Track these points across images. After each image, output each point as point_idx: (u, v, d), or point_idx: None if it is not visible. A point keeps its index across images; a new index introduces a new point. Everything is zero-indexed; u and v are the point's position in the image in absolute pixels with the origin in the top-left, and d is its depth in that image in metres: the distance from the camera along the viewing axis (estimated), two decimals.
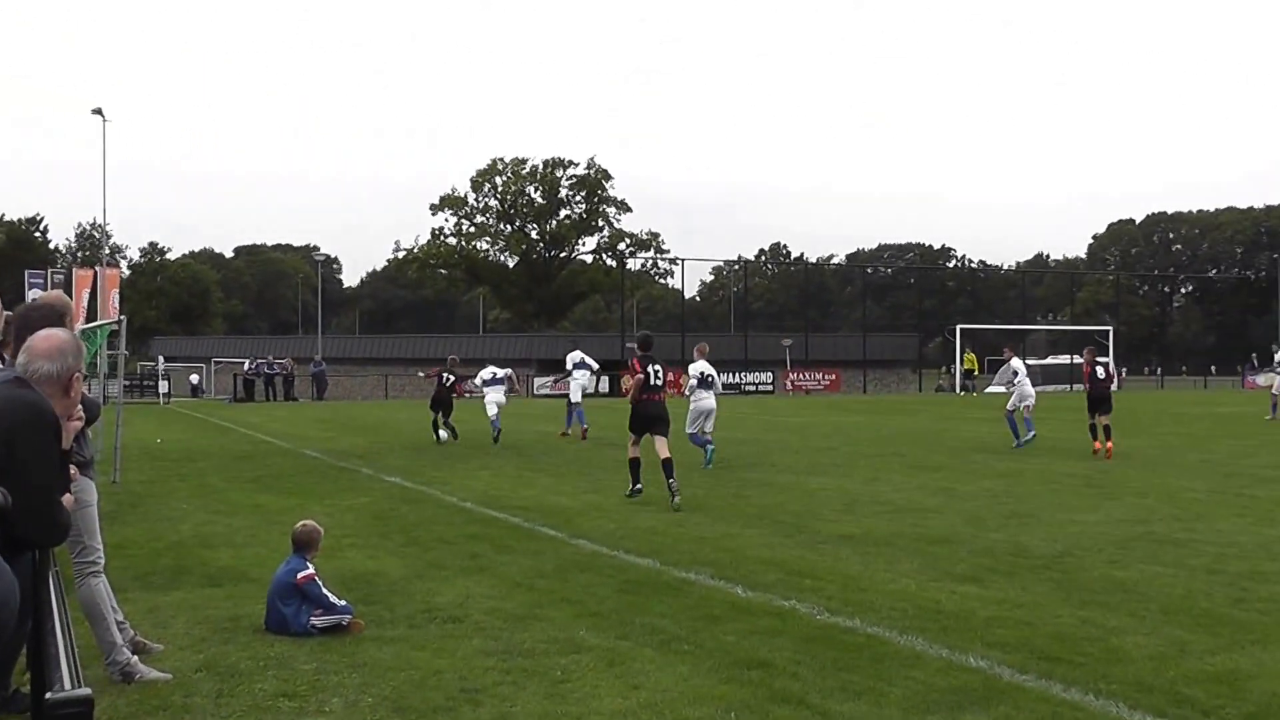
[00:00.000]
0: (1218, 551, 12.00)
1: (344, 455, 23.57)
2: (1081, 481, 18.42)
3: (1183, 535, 13.05)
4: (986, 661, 7.79)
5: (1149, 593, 9.94)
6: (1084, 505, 15.59)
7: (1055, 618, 9.03)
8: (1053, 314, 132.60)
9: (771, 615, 9.09)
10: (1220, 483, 18.43)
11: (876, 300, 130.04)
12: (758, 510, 15.08)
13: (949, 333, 75.31)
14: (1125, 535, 13.02)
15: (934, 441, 26.88)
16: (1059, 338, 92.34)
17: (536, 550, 12.07)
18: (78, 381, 5.12)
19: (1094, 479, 18.80)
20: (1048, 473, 19.78)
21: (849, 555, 11.68)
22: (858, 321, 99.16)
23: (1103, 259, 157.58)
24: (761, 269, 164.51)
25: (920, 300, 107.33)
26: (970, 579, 10.47)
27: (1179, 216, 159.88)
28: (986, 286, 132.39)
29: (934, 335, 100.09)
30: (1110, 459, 21.93)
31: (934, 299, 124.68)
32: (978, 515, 14.57)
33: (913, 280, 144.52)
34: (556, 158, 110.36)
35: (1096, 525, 13.76)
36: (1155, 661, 7.83)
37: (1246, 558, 11.66)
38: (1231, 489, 17.60)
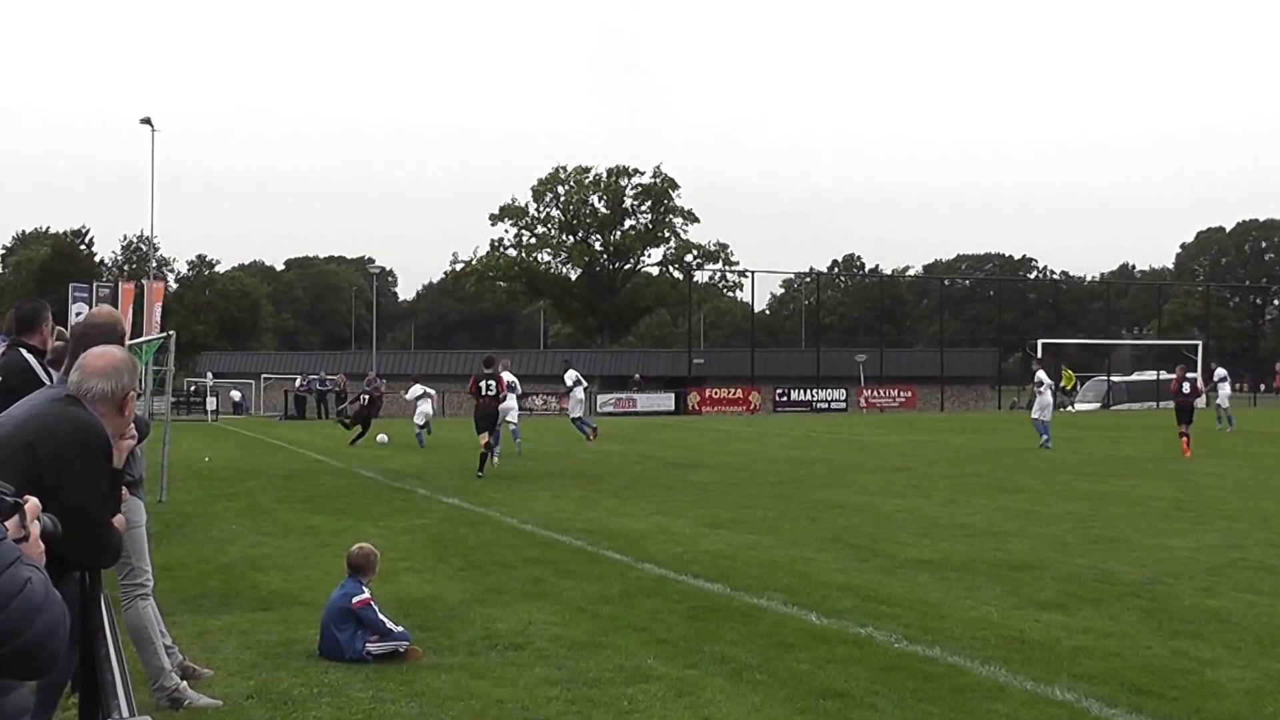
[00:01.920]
0: None
1: (399, 475, 23.37)
2: (1170, 504, 17.89)
3: (1277, 562, 12.54)
4: (1073, 694, 7.45)
5: (1244, 623, 9.52)
6: (1174, 529, 15.10)
7: (1145, 648, 8.65)
8: (1139, 327, 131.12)
9: (847, 643, 8.76)
10: None
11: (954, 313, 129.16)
12: (831, 533, 14.71)
13: (1030, 347, 74.40)
14: (1218, 561, 12.54)
15: (1014, 462, 26.36)
16: (1145, 352, 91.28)
17: (601, 575, 11.77)
18: (132, 400, 4.95)
19: (1183, 502, 18.26)
20: (1135, 495, 19.24)
21: (927, 581, 11.31)
22: (934, 336, 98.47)
23: (1191, 269, 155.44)
24: (834, 281, 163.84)
25: (1000, 313, 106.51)
26: (1055, 606, 10.07)
27: (1271, 224, 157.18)
28: (1069, 299, 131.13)
29: (1014, 350, 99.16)
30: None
31: (1014, 312, 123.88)
32: (1062, 539, 14.13)
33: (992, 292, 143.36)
34: (621, 166, 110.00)
35: (1187, 550, 13.28)
36: (1252, 696, 7.47)
37: None
38: None
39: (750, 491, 19.83)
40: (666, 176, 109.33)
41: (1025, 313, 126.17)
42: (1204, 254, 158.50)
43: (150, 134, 53.61)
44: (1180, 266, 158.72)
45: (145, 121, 53.65)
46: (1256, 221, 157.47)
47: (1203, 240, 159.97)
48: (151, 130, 53.70)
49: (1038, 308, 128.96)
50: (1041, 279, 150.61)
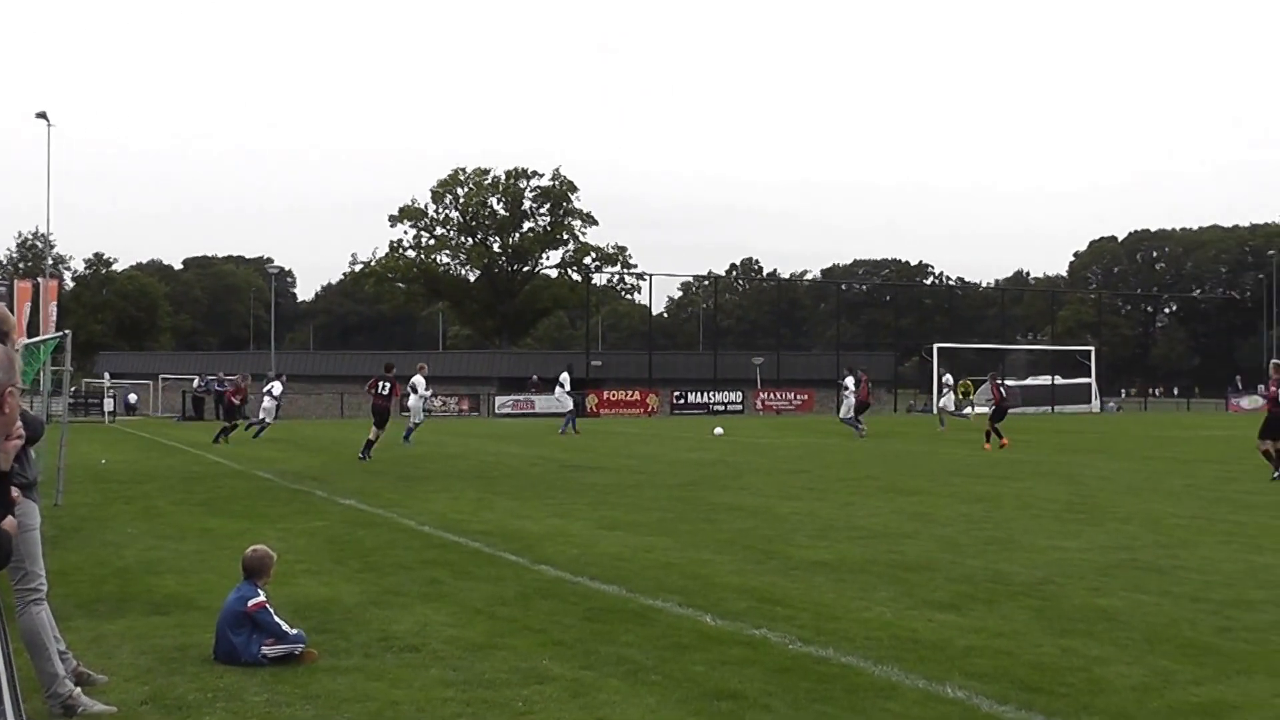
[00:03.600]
0: (1202, 579, 11.74)
1: (297, 477, 23.18)
2: (1063, 506, 18.17)
3: (1167, 562, 12.79)
4: (965, 692, 7.54)
5: (1132, 621, 9.70)
6: (1065, 531, 15.33)
7: (1036, 647, 8.79)
8: (1033, 333, 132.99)
9: (742, 644, 8.80)
10: (1205, 508, 18.18)
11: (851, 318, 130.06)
12: (727, 535, 14.76)
13: (926, 352, 75.24)
14: (1108, 562, 12.76)
15: (910, 464, 26.66)
16: (1039, 358, 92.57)
17: (498, 576, 11.75)
18: (12, 397, 4.81)
19: (1075, 504, 18.56)
20: (1028, 497, 19.54)
21: (822, 582, 11.39)
22: (831, 340, 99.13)
23: (1084, 278, 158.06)
24: (732, 285, 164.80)
25: (896, 318, 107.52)
26: (948, 607, 10.20)
27: (1163, 234, 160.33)
28: (965, 304, 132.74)
29: (910, 354, 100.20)
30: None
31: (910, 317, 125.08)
32: (956, 541, 14.30)
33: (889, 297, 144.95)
34: (520, 168, 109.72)
35: (1078, 552, 13.51)
36: (1139, 692, 7.61)
37: (1232, 585, 11.40)
38: (1217, 515, 17.36)
39: (647, 494, 19.89)
40: (565, 179, 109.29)
41: (922, 318, 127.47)
42: (1097, 262, 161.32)
43: (46, 128, 52.72)
44: (1074, 274, 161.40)
45: (41, 115, 52.72)
46: (1148, 232, 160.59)
47: (1095, 249, 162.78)
48: (47, 125, 52.81)
49: (934, 313, 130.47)
50: (938, 285, 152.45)
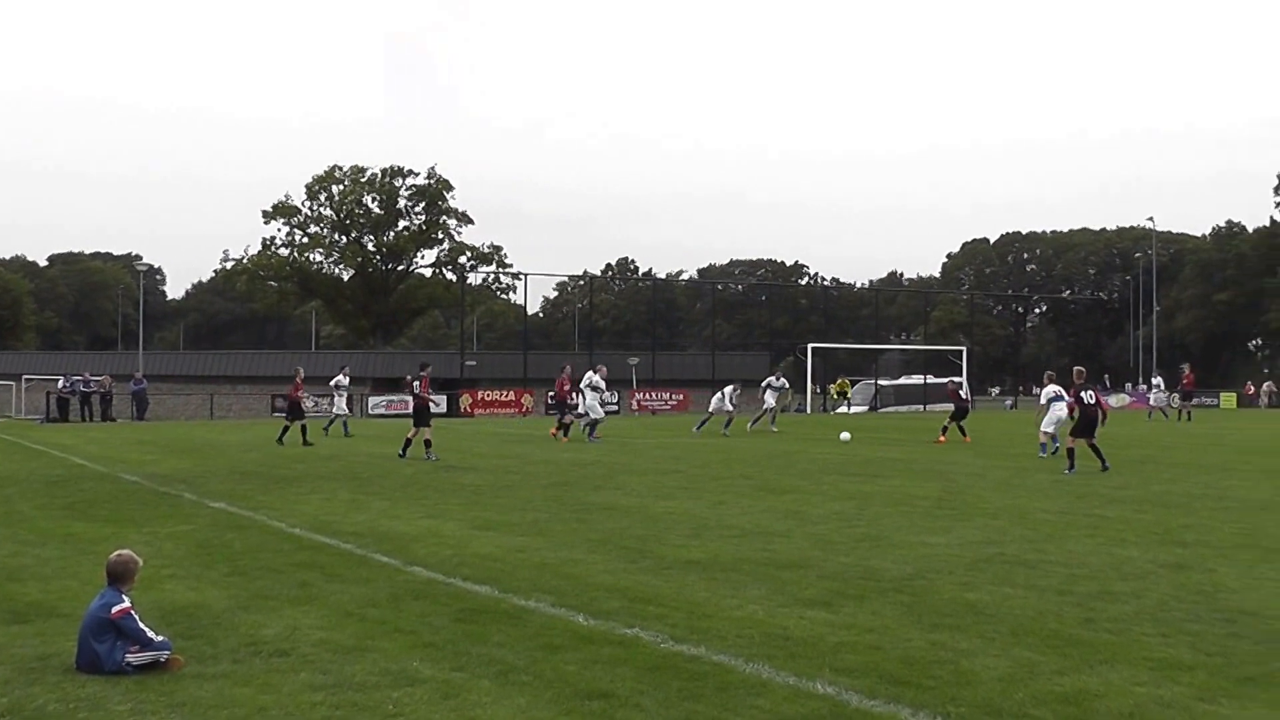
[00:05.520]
0: (1068, 572, 12.03)
1: (165, 479, 22.72)
2: (933, 503, 18.46)
3: (1033, 556, 13.07)
4: (834, 688, 7.63)
5: (999, 614, 9.90)
6: (935, 527, 15.59)
7: (905, 641, 8.92)
8: (906, 333, 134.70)
9: (614, 644, 8.82)
10: (1071, 503, 18.61)
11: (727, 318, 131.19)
12: (600, 535, 14.78)
13: (800, 351, 75.84)
14: (976, 557, 13.00)
15: (784, 463, 26.85)
16: (912, 357, 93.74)
17: (369, 578, 11.65)
18: None
19: (945, 500, 18.87)
20: (899, 494, 19.81)
21: (695, 581, 11.44)
22: (707, 339, 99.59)
23: (957, 278, 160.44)
24: (608, 284, 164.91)
25: (771, 318, 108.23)
26: (819, 604, 10.30)
27: (1033, 237, 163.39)
28: (839, 304, 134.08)
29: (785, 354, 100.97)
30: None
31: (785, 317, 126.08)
32: (827, 538, 14.44)
33: (764, 298, 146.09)
34: (396, 166, 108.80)
35: (948, 547, 13.73)
36: (1004, 683, 7.78)
37: (1096, 578, 11.70)
38: (1082, 509, 17.78)
39: (521, 494, 19.84)
40: (441, 178, 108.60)
41: (796, 317, 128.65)
42: (969, 264, 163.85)
43: None
44: (946, 275, 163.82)
45: None
46: (1019, 234, 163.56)
47: (968, 251, 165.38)
48: None
49: (809, 313, 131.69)
50: (813, 285, 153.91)
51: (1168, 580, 11.67)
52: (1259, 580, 11.75)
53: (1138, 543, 14.26)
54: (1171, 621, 9.71)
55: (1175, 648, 8.82)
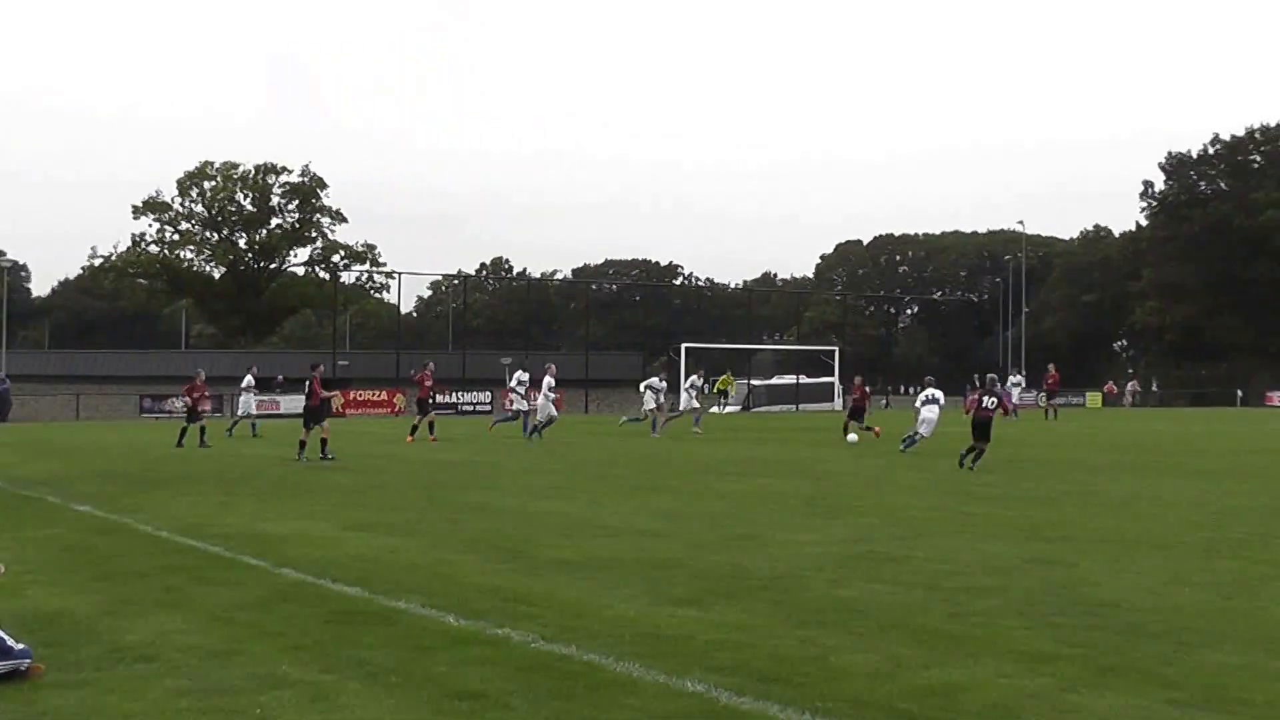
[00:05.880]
0: (935, 568, 12.21)
1: (28, 483, 22.20)
2: (804, 501, 18.64)
3: (902, 553, 13.24)
4: (705, 685, 7.65)
5: (868, 610, 10.01)
6: (806, 525, 15.72)
7: (775, 639, 8.98)
8: (780, 333, 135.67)
9: (485, 644, 8.78)
10: (940, 500, 18.93)
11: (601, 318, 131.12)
12: (473, 535, 14.71)
13: (674, 351, 76.03)
14: (846, 554, 13.14)
15: (660, 463, 26.94)
16: (785, 357, 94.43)
17: (238, 581, 11.48)
18: None
19: (817, 498, 19.06)
20: (771, 493, 19.97)
21: (567, 581, 11.44)
22: (581, 339, 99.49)
23: (830, 279, 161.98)
24: (482, 284, 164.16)
25: (646, 318, 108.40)
26: (690, 602, 10.34)
27: (905, 239, 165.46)
28: (713, 305, 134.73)
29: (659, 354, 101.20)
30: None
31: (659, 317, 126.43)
32: (700, 538, 14.50)
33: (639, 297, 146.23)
34: (269, 163, 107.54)
35: (818, 545, 13.86)
36: (872, 678, 7.86)
37: (963, 574, 11.89)
38: (950, 506, 18.09)
39: (393, 494, 19.72)
40: (315, 175, 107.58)
41: (671, 318, 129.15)
42: (842, 265, 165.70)
43: None
44: (820, 276, 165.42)
45: None
46: (891, 236, 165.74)
47: (841, 252, 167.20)
48: None
49: (683, 313, 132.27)
50: (687, 285, 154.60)
51: (1033, 575, 11.90)
52: (1120, 573, 12.04)
53: (1004, 538, 14.53)
54: (1036, 615, 9.90)
55: (1039, 640, 8.99)
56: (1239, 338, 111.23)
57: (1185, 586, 11.36)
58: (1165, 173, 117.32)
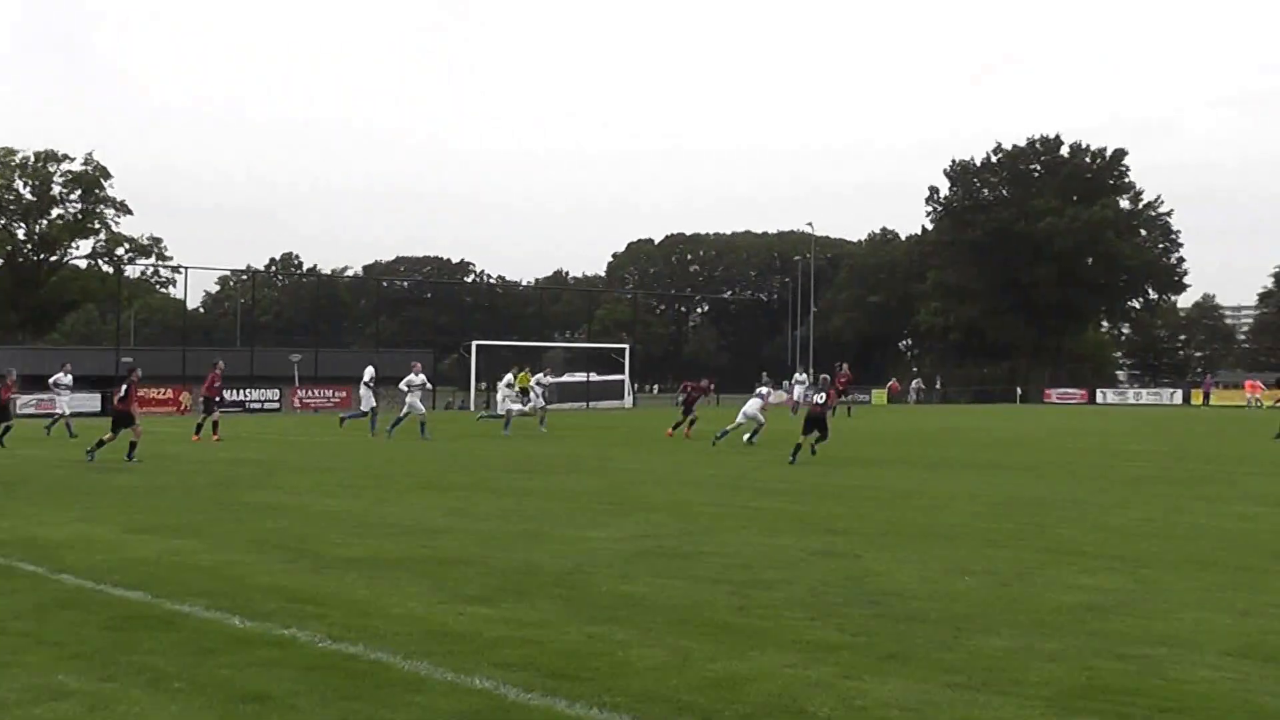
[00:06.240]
0: (723, 562, 12.37)
1: None
2: (594, 498, 18.72)
3: (690, 548, 13.38)
4: (493, 682, 7.65)
5: (656, 605, 10.09)
6: (596, 521, 15.79)
7: (563, 635, 9.00)
8: (571, 331, 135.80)
9: (271, 645, 8.63)
10: (728, 496, 19.22)
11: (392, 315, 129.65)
12: (259, 535, 14.43)
13: (464, 349, 75.60)
14: (635, 550, 13.23)
15: (449, 461, 26.78)
16: (577, 355, 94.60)
17: (11, 589, 11.02)
18: None
19: (606, 495, 19.17)
20: (561, 490, 20.02)
21: (355, 580, 11.30)
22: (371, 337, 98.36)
23: (622, 278, 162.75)
24: (271, 280, 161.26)
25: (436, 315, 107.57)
26: (479, 599, 10.31)
27: (696, 238, 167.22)
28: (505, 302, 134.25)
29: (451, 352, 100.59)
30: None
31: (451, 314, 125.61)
32: (489, 534, 14.47)
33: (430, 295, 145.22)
34: (50, 150, 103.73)
35: (607, 541, 13.93)
36: (660, 671, 7.93)
37: (749, 567, 12.06)
38: (738, 502, 18.38)
39: (178, 495, 19.23)
40: (99, 165, 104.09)
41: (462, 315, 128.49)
42: (634, 263, 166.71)
43: None
44: (611, 274, 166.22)
45: None
46: (683, 235, 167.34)
47: (633, 251, 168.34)
48: None
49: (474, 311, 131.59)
50: (479, 283, 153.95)
51: (818, 566, 12.15)
52: (902, 564, 12.37)
53: (791, 532, 14.81)
54: (820, 605, 10.11)
55: (823, 630, 9.18)
56: (1019, 338, 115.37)
57: (964, 575, 11.74)
58: (950, 179, 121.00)
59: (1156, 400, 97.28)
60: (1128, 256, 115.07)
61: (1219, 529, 15.81)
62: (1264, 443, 36.55)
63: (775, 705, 7.21)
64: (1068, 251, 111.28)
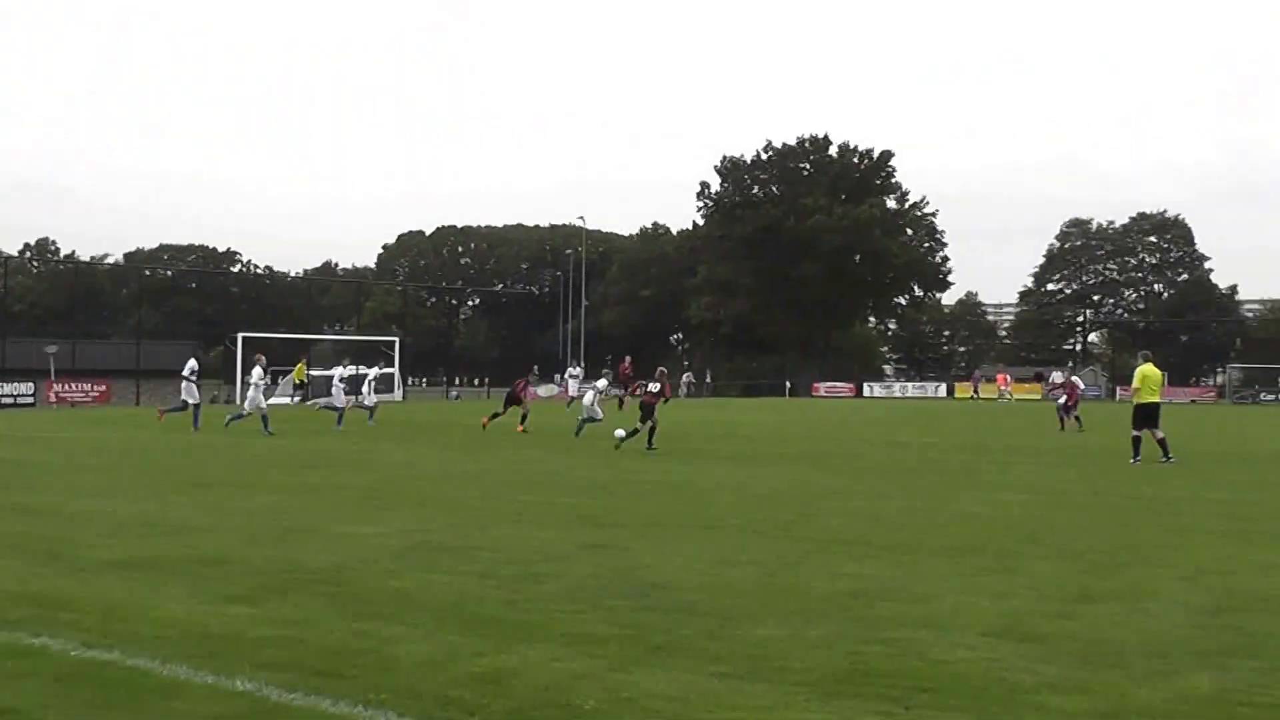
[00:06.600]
0: (492, 556, 12.34)
1: None
2: (362, 493, 18.48)
3: (459, 543, 13.32)
4: (254, 684, 7.48)
5: (423, 601, 10.03)
6: (363, 517, 15.59)
7: (328, 633, 8.87)
8: (340, 324, 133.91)
9: (19, 655, 8.24)
10: (498, 490, 19.21)
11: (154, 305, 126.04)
12: (8, 539, 13.76)
13: (230, 341, 74.01)
14: (403, 545, 13.10)
15: (213, 457, 26.10)
16: (346, 348, 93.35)
17: None
18: None
19: (375, 490, 18.95)
20: (328, 485, 19.72)
21: (112, 582, 10.91)
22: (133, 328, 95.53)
23: (392, 269, 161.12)
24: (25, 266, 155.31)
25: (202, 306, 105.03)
26: (242, 599, 10.06)
27: (468, 230, 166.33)
28: (273, 293, 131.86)
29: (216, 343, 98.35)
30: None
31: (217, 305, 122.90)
32: (253, 532, 14.13)
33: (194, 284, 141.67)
34: None
35: (375, 537, 13.76)
36: (425, 667, 7.88)
37: (519, 561, 12.04)
38: (508, 495, 18.37)
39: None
40: None
41: (228, 306, 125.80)
42: (404, 255, 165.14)
43: None
44: (381, 266, 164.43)
45: None
46: (454, 227, 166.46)
47: (403, 242, 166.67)
48: None
49: (241, 301, 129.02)
50: (246, 273, 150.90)
51: (587, 560, 12.20)
52: (670, 556, 12.49)
53: (560, 526, 14.85)
54: (589, 599, 10.15)
55: (591, 623, 9.21)
56: (789, 332, 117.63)
57: (731, 566, 11.91)
58: (720, 175, 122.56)
59: (922, 393, 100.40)
60: (894, 255, 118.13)
61: (979, 515, 16.38)
62: (1021, 433, 37.94)
63: (542, 699, 7.22)
64: (836, 249, 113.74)
